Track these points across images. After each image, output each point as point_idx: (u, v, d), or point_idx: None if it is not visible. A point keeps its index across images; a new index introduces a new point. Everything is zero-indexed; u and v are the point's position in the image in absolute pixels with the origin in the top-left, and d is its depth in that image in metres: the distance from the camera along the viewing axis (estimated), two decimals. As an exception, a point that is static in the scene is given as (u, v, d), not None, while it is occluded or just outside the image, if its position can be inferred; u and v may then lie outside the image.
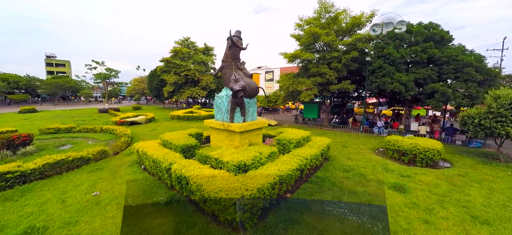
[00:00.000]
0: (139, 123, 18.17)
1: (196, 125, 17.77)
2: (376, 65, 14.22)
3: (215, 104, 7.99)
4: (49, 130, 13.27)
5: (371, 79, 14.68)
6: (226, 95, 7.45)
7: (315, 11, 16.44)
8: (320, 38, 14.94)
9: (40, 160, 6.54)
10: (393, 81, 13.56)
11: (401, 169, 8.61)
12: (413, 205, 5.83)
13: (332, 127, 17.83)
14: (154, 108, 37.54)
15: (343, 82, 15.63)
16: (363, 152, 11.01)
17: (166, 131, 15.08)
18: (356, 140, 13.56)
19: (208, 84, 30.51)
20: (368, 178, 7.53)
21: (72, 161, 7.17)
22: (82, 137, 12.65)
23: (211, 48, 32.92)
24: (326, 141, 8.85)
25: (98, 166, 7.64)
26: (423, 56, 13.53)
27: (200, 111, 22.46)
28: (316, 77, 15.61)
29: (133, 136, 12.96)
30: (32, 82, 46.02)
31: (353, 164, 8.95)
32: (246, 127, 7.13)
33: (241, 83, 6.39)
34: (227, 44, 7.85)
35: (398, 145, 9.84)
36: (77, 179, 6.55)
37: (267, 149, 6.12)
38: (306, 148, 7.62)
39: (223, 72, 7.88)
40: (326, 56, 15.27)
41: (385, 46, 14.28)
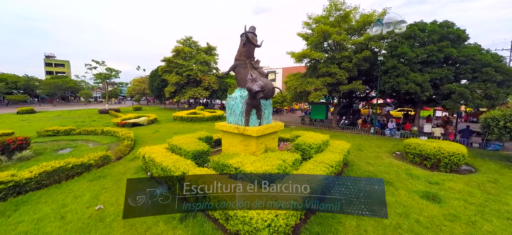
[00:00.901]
0: (141, 124, 17.54)
1: (200, 127, 17.15)
2: (389, 65, 13.64)
3: (227, 106, 7.37)
4: (47, 132, 12.62)
5: (384, 79, 14.10)
6: (241, 96, 6.84)
7: (325, 9, 15.87)
8: (330, 37, 14.36)
9: (36, 168, 5.90)
10: (408, 81, 12.98)
11: (427, 175, 8.04)
12: (453, 218, 5.25)
13: (341, 128, 17.23)
14: (155, 109, 36.88)
15: (354, 83, 15.04)
16: (381, 156, 10.42)
17: (170, 133, 14.51)
18: (369, 142, 12.96)
19: (210, 85, 29.90)
20: (395, 185, 6.94)
21: (72, 168, 6.53)
22: (82, 140, 12.00)
23: (213, 48, 32.31)
24: (346, 145, 8.25)
25: (100, 173, 7.01)
26: (439, 55, 12.96)
27: (204, 112, 21.83)
28: (326, 77, 15.01)
29: (136, 139, 12.33)
30: (30, 82, 45.31)
31: (375, 169, 8.36)
32: (263, 131, 6.52)
33: (260, 83, 5.78)
34: (240, 40, 7.24)
35: (419, 149, 9.26)
36: (77, 189, 5.91)
37: (289, 156, 5.51)
38: (327, 153, 7.01)
39: (236, 71, 7.27)
40: (336, 56, 14.68)
41: (399, 45, 13.71)
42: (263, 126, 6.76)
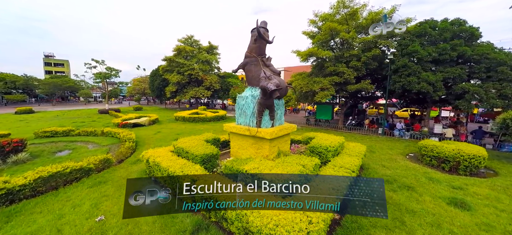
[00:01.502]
0: (142, 125, 17.05)
1: (204, 127, 16.66)
2: (400, 64, 13.17)
3: (237, 106, 6.89)
4: (45, 133, 12.12)
5: (394, 78, 13.63)
6: (252, 95, 6.36)
7: (332, 7, 15.40)
8: (339, 35, 13.89)
9: (31, 174, 5.41)
10: (420, 81, 12.52)
11: (447, 179, 7.61)
12: (487, 227, 4.82)
13: (348, 129, 16.76)
14: (156, 109, 36.35)
15: (362, 82, 14.57)
16: (395, 158, 9.96)
17: (172, 134, 14.02)
18: (380, 144, 12.50)
19: (212, 84, 29.39)
20: (418, 191, 6.50)
21: (70, 173, 6.04)
22: (81, 141, 11.51)
23: (215, 47, 31.79)
24: (361, 147, 7.78)
25: (101, 178, 6.52)
26: (452, 54, 12.50)
27: (206, 112, 21.33)
28: (333, 76, 14.54)
29: (138, 140, 11.84)
30: (29, 82, 44.74)
31: (392, 173, 7.90)
32: (277, 133, 6.05)
33: (275, 81, 5.31)
34: (251, 36, 6.77)
35: (437, 151, 8.82)
36: (76, 196, 5.42)
37: (309, 161, 5.03)
38: (345, 156, 6.54)
39: (246, 69, 6.79)
40: (344, 54, 14.20)
41: (410, 43, 13.24)
42: (276, 127, 6.28)
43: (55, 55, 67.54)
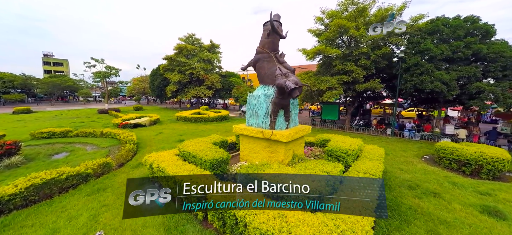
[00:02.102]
0: (143, 125, 16.50)
1: (206, 128, 16.14)
2: (412, 62, 12.65)
3: (248, 106, 6.36)
4: (42, 135, 11.57)
5: (405, 77, 13.11)
6: (265, 94, 5.83)
7: (339, 3, 14.87)
8: (348, 32, 13.37)
9: (23, 181, 4.88)
10: (433, 80, 12.00)
11: (471, 184, 7.11)
12: (533, 241, 4.29)
13: (355, 129, 16.25)
14: (156, 109, 35.79)
15: (371, 81, 14.06)
16: (411, 160, 9.46)
17: (175, 134, 13.48)
18: (392, 145, 11.99)
19: (213, 83, 28.85)
20: (445, 197, 6.00)
21: (66, 179, 5.51)
22: (79, 143, 10.97)
23: (217, 45, 31.23)
24: (379, 150, 7.26)
25: (100, 184, 5.99)
26: (466, 52, 11.99)
27: (209, 112, 20.78)
28: (342, 75, 14.02)
29: (139, 141, 11.31)
30: (28, 81, 44.09)
31: (412, 177, 7.40)
32: (293, 135, 5.52)
33: (294, 79, 4.79)
34: (264, 30, 6.24)
35: (457, 153, 8.32)
36: (72, 206, 4.89)
37: (332, 167, 4.51)
38: (365, 160, 6.03)
39: (258, 65, 6.27)
40: (353, 52, 13.68)
41: (422, 41, 12.73)
42: (292, 129, 5.76)
43: (54, 55, 66.85)
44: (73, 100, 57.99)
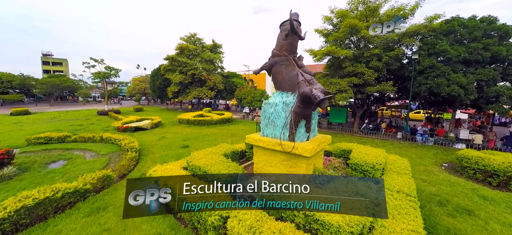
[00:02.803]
0: (144, 128, 15.90)
1: (211, 132, 15.55)
2: (426, 64, 12.08)
3: (263, 115, 5.77)
4: (38, 140, 10.97)
5: (419, 80, 12.55)
6: (283, 102, 5.24)
7: (349, 2, 14.29)
8: (359, 32, 12.79)
9: (12, 202, 4.29)
10: (450, 83, 11.44)
11: (503, 198, 6.60)
12: None
13: (365, 133, 15.68)
14: (157, 110, 35.19)
15: (383, 83, 13.50)
16: (431, 169, 8.91)
17: (178, 139, 12.87)
18: (406, 151, 11.43)
19: (216, 84, 28.25)
20: (480, 216, 5.45)
21: (62, 197, 4.92)
22: (78, 149, 10.38)
23: (219, 45, 30.61)
24: (403, 161, 6.69)
25: (100, 201, 5.40)
26: (484, 54, 11.43)
27: (212, 115, 20.18)
28: (352, 77, 13.44)
29: (141, 148, 10.73)
30: (26, 82, 43.42)
31: (438, 191, 6.84)
32: (316, 149, 4.95)
33: (321, 87, 4.22)
34: (281, 31, 5.65)
35: (483, 163, 7.77)
36: (69, 230, 4.31)
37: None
38: (393, 175, 5.46)
39: (275, 70, 5.68)
40: (364, 54, 13.10)
41: (438, 42, 12.16)
42: (314, 142, 5.18)
43: (53, 54, 66.11)
44: (72, 100, 57.33)
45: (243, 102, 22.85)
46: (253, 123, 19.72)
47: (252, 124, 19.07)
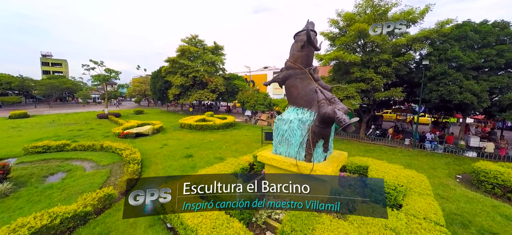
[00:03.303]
0: (145, 134, 15.51)
1: (214, 137, 15.16)
2: (438, 70, 11.71)
3: (276, 132, 5.39)
4: (36, 149, 10.58)
5: (429, 86, 12.17)
6: (299, 120, 4.87)
7: (356, 5, 13.91)
8: (368, 37, 12.42)
9: (6, 233, 3.90)
10: (462, 90, 11.07)
11: (525, 215, 6.20)
12: None
13: (371, 139, 15.30)
14: (157, 112, 34.79)
15: (391, 89, 13.12)
16: (446, 182, 8.55)
17: (181, 147, 12.42)
18: (416, 160, 11.06)
19: (217, 87, 27.86)
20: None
21: (61, 223, 4.54)
22: (78, 159, 9.99)
23: (221, 47, 30.21)
24: (423, 179, 6.31)
25: (102, 226, 5.02)
26: (498, 60, 11.06)
27: (214, 119, 19.78)
28: (360, 83, 13.07)
29: (143, 157, 10.35)
30: (25, 83, 42.97)
31: (458, 209, 6.47)
32: (336, 171, 4.57)
33: (344, 107, 3.85)
34: (295, 42, 5.28)
35: (503, 178, 7.43)
36: (67, 265, 3.92)
37: (397, 222, 3.55)
38: (415, 196, 5.08)
39: (289, 83, 5.30)
40: (373, 59, 12.72)
41: (449, 48, 11.78)
42: (332, 162, 4.80)
43: (52, 55, 65.63)
44: (72, 101, 56.87)
45: (246, 105, 22.47)
46: (256, 128, 19.32)
47: (255, 129, 18.68)
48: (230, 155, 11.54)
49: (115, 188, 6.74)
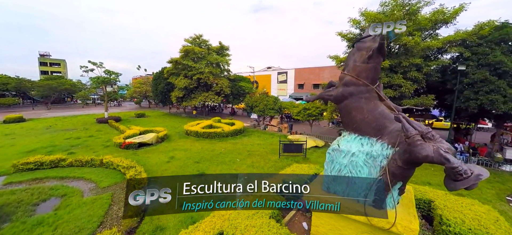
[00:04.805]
0: (149, 144, 14.27)
1: (223, 147, 13.92)
2: (477, 77, 10.49)
3: (329, 165, 4.16)
4: (27, 166, 9.32)
5: (467, 94, 10.96)
6: (367, 154, 3.64)
7: (382, 4, 12.68)
8: (400, 40, 11.19)
9: None
10: (506, 99, 9.87)
11: None
12: None
13: (394, 150, 14.08)
14: (160, 114, 33.50)
15: (422, 96, 11.91)
16: (499, 207, 7.38)
17: (190, 161, 11.10)
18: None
19: (222, 89, 26.60)
20: None
21: None
22: (74, 179, 8.75)
23: (226, 47, 28.89)
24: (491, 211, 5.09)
25: None
26: (546, 65, 9.87)
27: (223, 126, 18.48)
28: (387, 89, 11.84)
29: (148, 175, 9.14)
30: (22, 84, 41.56)
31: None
32: (417, 228, 3.33)
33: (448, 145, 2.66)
34: (358, 50, 4.07)
35: None
36: None
37: None
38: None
39: (350, 104, 4.06)
40: (402, 63, 11.49)
41: (491, 52, 10.56)
42: (409, 210, 3.58)
43: (51, 55, 64.18)
44: (71, 102, 55.48)
45: (254, 110, 21.18)
46: (267, 135, 18.06)
47: (266, 136, 17.42)
48: (246, 171, 10.29)
49: (119, 226, 5.50)
